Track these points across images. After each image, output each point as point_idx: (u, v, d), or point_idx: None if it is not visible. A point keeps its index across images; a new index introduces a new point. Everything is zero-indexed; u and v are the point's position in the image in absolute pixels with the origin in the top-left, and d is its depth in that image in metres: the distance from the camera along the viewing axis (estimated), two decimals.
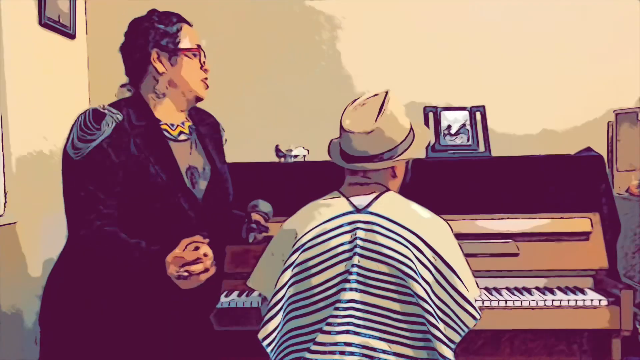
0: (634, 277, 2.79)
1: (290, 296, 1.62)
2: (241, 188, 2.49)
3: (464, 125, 2.74)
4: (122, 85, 1.86)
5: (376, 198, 1.65)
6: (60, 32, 2.91)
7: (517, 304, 2.21)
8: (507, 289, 2.34)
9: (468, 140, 2.73)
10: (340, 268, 1.59)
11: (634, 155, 2.91)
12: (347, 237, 1.61)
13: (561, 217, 2.41)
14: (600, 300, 2.19)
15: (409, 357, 1.57)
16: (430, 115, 2.75)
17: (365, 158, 1.66)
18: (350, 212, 1.63)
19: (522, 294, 2.27)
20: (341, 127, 1.68)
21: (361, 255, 1.58)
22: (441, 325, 1.55)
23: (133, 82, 1.82)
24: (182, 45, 1.78)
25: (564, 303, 2.20)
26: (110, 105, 1.73)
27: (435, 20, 3.16)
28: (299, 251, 1.61)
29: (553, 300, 2.20)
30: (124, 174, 1.66)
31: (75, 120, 1.68)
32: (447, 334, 1.55)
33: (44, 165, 2.73)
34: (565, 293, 2.26)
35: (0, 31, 2.47)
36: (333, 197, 1.69)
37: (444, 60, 3.13)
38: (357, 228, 1.61)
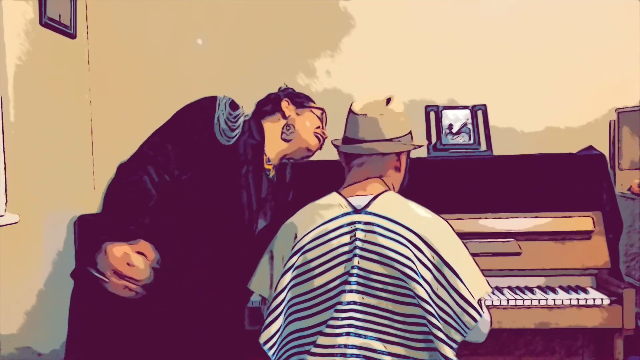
0: (636, 276, 2.78)
1: (291, 299, 1.62)
2: None
3: (465, 124, 2.73)
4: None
5: (375, 198, 1.65)
6: (61, 32, 2.91)
7: (519, 303, 2.21)
8: (509, 288, 2.34)
9: (470, 139, 2.73)
10: (340, 270, 1.59)
11: (636, 154, 2.91)
12: (346, 238, 1.60)
13: (563, 216, 2.40)
14: (602, 299, 2.19)
15: (409, 359, 1.57)
16: (432, 114, 2.74)
17: (374, 141, 1.69)
18: (349, 213, 1.63)
19: (524, 293, 2.27)
20: (350, 112, 1.72)
21: (361, 257, 1.58)
22: (443, 326, 1.54)
23: (257, 116, 2.04)
24: (309, 105, 2.11)
25: (566, 302, 2.20)
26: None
27: (436, 19, 3.16)
28: (299, 253, 1.61)
29: (555, 300, 2.20)
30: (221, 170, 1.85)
31: (211, 106, 1.86)
32: (449, 333, 1.55)
33: (45, 166, 2.73)
34: (567, 292, 2.26)
35: (1, 31, 2.47)
36: (331, 198, 1.69)
37: (446, 59, 3.13)
38: (357, 229, 1.60)
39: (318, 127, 2.09)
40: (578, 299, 2.20)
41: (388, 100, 1.72)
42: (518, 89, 3.11)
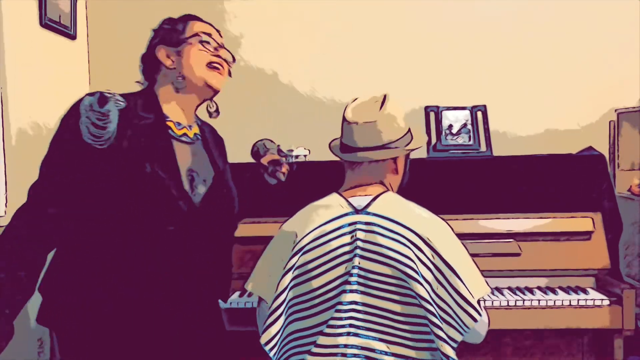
0: (636, 276, 2.79)
1: (291, 299, 1.62)
2: (242, 188, 2.48)
3: (465, 124, 2.74)
4: (137, 82, 1.86)
5: (375, 199, 1.65)
6: (61, 33, 2.91)
7: (519, 303, 2.21)
8: (509, 288, 2.34)
9: (469, 139, 2.73)
10: (341, 270, 1.58)
11: (636, 155, 2.91)
12: (347, 239, 1.60)
13: (563, 217, 2.41)
14: (602, 299, 2.19)
15: (410, 359, 1.57)
16: (432, 114, 2.74)
17: (368, 148, 1.67)
18: (349, 213, 1.63)
19: (524, 293, 2.27)
20: (344, 119, 1.69)
21: (362, 257, 1.58)
22: (443, 325, 1.54)
23: (148, 81, 1.83)
24: (186, 36, 1.77)
25: (566, 303, 2.20)
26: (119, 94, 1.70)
27: (436, 20, 3.16)
28: (299, 254, 1.61)
29: (555, 300, 2.20)
30: (116, 169, 1.61)
31: (78, 107, 1.62)
32: (449, 332, 1.55)
33: None
34: (567, 293, 2.26)
35: (1, 32, 2.48)
36: (332, 199, 1.69)
37: (446, 60, 3.13)
38: (357, 229, 1.60)
39: (210, 63, 1.77)
40: (578, 300, 2.20)
41: (382, 102, 1.68)
42: (518, 90, 3.11)
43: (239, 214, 1.99)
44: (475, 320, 1.54)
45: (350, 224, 1.61)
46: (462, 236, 1.65)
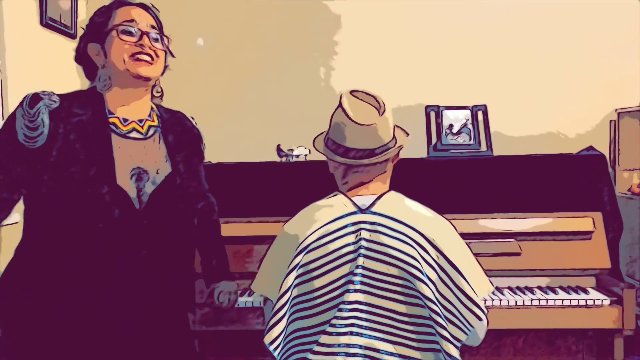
0: (636, 276, 2.79)
1: (295, 297, 1.61)
2: (242, 188, 2.49)
3: (465, 124, 2.73)
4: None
5: (379, 198, 1.65)
6: (62, 32, 2.91)
7: (520, 303, 2.21)
8: (509, 288, 2.34)
9: (470, 139, 2.73)
10: (345, 269, 1.58)
11: (636, 154, 2.91)
12: (351, 238, 1.60)
13: (563, 217, 2.41)
14: (602, 299, 2.19)
15: (412, 359, 1.57)
16: (432, 114, 2.74)
17: (372, 150, 1.65)
18: (353, 213, 1.63)
19: (524, 293, 2.27)
20: (353, 122, 1.63)
21: (366, 256, 1.58)
22: (448, 325, 1.54)
23: (92, 81, 1.74)
24: (108, 28, 1.65)
25: (566, 302, 2.20)
26: (59, 94, 1.65)
27: (437, 20, 3.17)
28: (303, 253, 1.60)
29: (555, 300, 2.20)
30: (48, 170, 1.58)
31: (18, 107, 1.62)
32: (453, 332, 1.55)
33: None
34: (568, 292, 2.26)
35: (2, 31, 2.48)
36: (335, 198, 1.68)
37: (446, 59, 3.14)
38: (361, 229, 1.60)
39: (133, 54, 1.63)
40: (578, 300, 2.20)
41: (381, 105, 1.65)
42: (518, 90, 3.12)
43: (220, 211, 1.93)
44: (480, 319, 1.54)
45: (354, 224, 1.61)
46: (462, 236, 1.65)
